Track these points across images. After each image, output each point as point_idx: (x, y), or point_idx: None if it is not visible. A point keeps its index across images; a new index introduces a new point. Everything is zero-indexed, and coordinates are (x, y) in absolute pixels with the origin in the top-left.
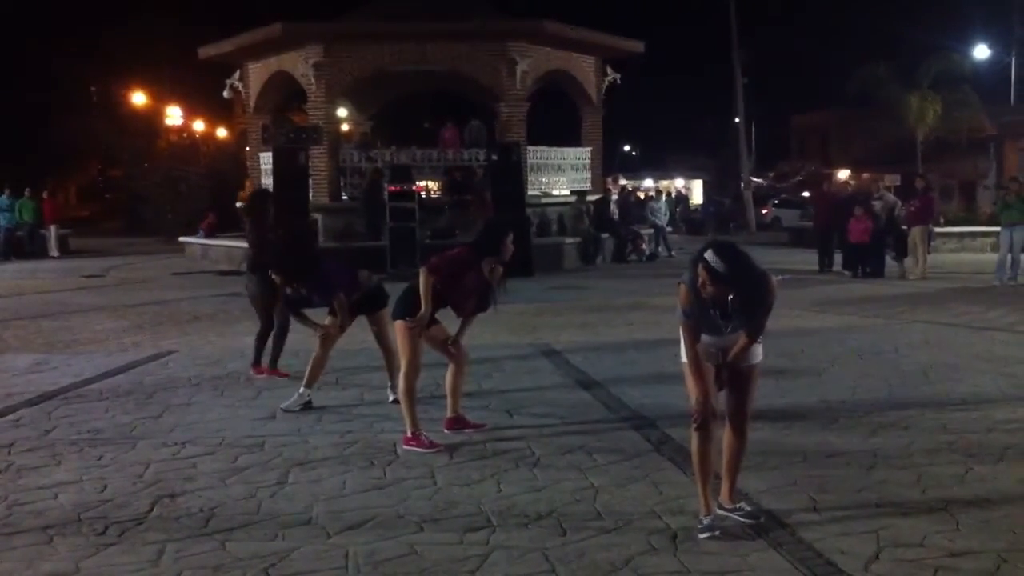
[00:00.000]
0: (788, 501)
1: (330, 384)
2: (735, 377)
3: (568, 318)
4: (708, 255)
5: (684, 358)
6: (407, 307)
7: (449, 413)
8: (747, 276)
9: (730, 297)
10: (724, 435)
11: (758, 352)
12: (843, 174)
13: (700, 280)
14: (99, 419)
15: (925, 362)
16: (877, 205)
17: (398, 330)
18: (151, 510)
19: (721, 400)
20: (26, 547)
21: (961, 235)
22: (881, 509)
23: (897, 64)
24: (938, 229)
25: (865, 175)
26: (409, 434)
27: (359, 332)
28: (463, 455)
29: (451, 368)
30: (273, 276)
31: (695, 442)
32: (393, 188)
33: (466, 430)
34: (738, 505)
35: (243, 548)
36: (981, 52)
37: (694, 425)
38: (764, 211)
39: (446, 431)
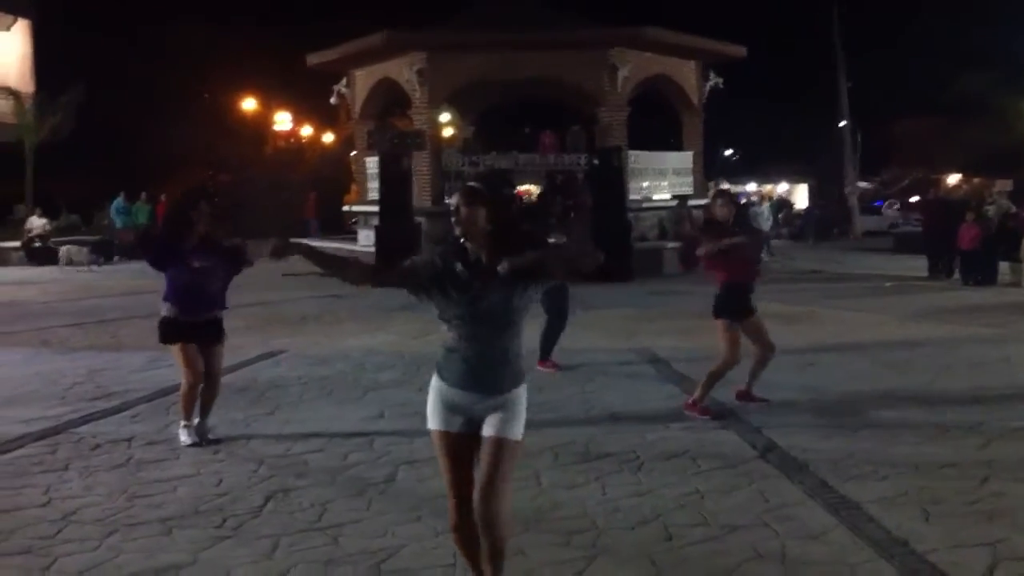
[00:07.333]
0: (899, 512)
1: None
2: (484, 451)
3: (668, 323)
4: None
5: None
6: (726, 306)
7: (744, 387)
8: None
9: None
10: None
11: (519, 425)
12: (953, 178)
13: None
14: (214, 415)
15: None
16: (991, 210)
17: (720, 328)
18: (265, 504)
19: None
20: (146, 538)
21: None
22: (996, 522)
23: (1005, 70)
24: None
25: (975, 180)
26: (691, 402)
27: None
28: (567, 458)
29: (758, 355)
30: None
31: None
32: None
33: (751, 404)
34: None
35: (353, 543)
36: None
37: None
38: None
39: (737, 401)
